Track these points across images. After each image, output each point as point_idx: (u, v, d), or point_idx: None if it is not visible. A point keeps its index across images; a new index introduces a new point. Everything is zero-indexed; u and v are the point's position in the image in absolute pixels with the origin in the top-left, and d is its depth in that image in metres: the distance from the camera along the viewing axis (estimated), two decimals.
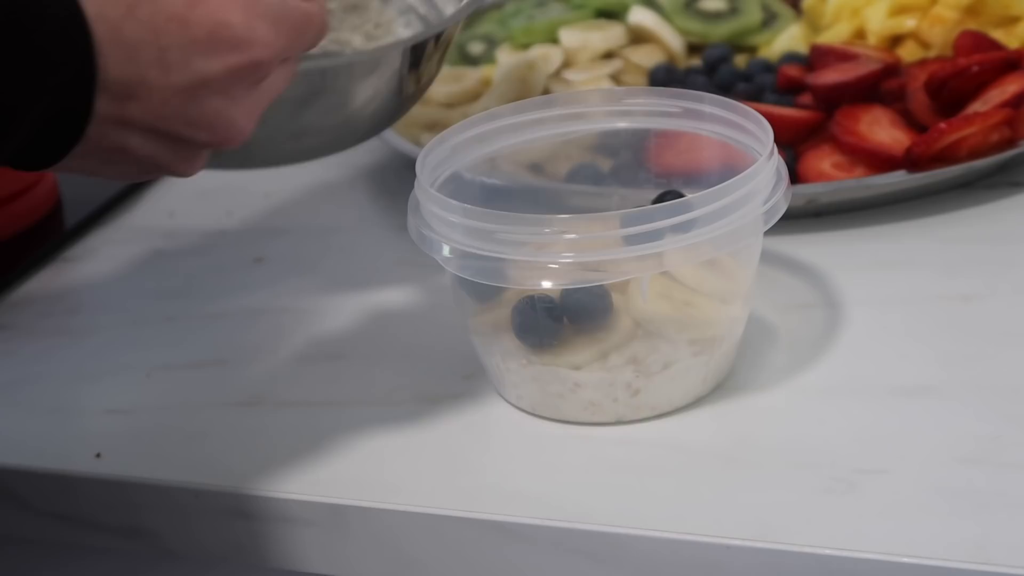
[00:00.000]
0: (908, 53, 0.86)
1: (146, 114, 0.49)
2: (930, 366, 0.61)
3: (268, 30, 0.51)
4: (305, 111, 0.63)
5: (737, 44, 0.92)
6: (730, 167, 0.59)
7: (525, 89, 0.86)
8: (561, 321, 0.59)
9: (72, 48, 0.46)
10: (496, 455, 0.60)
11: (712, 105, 0.63)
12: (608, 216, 0.56)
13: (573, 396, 0.60)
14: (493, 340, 0.61)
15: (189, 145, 0.52)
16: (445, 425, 0.62)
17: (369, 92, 0.65)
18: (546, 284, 0.56)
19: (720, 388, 0.62)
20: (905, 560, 0.50)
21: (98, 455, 0.63)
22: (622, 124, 0.65)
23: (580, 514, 0.55)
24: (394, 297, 0.73)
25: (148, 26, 0.48)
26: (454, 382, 0.65)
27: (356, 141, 0.69)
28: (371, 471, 0.59)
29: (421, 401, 0.63)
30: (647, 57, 0.90)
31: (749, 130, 0.61)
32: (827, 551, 0.51)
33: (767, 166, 0.58)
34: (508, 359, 0.60)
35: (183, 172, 0.53)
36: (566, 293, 0.58)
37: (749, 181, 0.57)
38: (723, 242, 0.56)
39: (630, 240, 0.55)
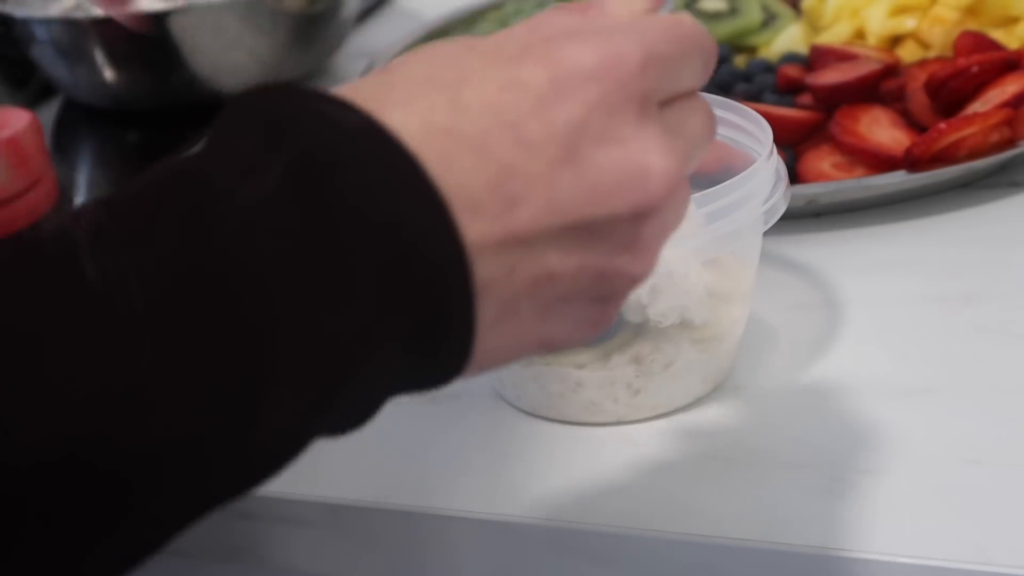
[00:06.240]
0: (908, 53, 0.86)
1: (538, 215, 0.37)
2: (930, 366, 0.61)
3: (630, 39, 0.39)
4: None
5: (737, 44, 0.92)
6: (729, 167, 0.59)
7: None
8: None
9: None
10: (496, 455, 0.60)
11: (711, 105, 0.63)
12: None
13: (574, 396, 0.60)
14: None
15: (613, 226, 0.38)
16: (445, 425, 0.62)
17: None
18: None
19: (720, 388, 0.62)
20: (905, 560, 0.50)
21: None
22: None
23: (580, 514, 0.55)
24: None
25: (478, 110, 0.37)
26: (454, 382, 0.64)
27: None
28: (371, 471, 0.59)
29: (421, 401, 0.63)
30: None
31: (748, 130, 0.61)
32: (827, 551, 0.51)
33: (766, 166, 0.58)
34: None
35: (636, 267, 0.39)
36: None
37: (748, 181, 0.57)
38: (723, 242, 0.56)
39: None
